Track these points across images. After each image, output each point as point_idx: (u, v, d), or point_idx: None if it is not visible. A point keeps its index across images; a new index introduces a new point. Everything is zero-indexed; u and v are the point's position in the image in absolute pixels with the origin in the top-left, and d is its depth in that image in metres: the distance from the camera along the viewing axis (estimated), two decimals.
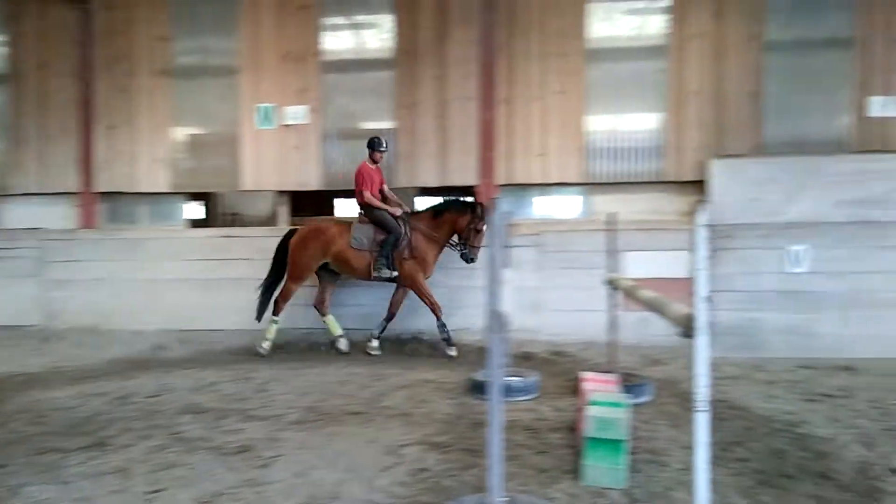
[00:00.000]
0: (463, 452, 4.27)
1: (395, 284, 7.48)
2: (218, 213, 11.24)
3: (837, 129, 7.58)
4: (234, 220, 11.24)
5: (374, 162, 7.44)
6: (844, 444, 4.53)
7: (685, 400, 5.54)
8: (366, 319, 7.79)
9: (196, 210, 10.22)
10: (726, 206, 7.54)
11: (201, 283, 8.56)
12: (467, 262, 7.33)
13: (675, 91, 7.83)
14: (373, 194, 7.35)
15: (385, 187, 7.51)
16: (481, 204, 7.30)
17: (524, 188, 8.26)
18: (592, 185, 8.10)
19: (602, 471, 3.68)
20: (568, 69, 8.00)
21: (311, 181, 8.60)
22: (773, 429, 4.84)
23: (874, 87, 7.50)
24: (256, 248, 8.56)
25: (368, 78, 8.47)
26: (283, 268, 7.63)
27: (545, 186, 8.25)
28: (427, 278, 7.43)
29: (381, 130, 8.48)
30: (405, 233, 7.28)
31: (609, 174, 8.02)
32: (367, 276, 7.36)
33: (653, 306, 3.60)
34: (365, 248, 7.30)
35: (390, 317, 7.58)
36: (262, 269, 8.44)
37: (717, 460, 4.18)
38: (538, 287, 7.85)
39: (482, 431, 4.42)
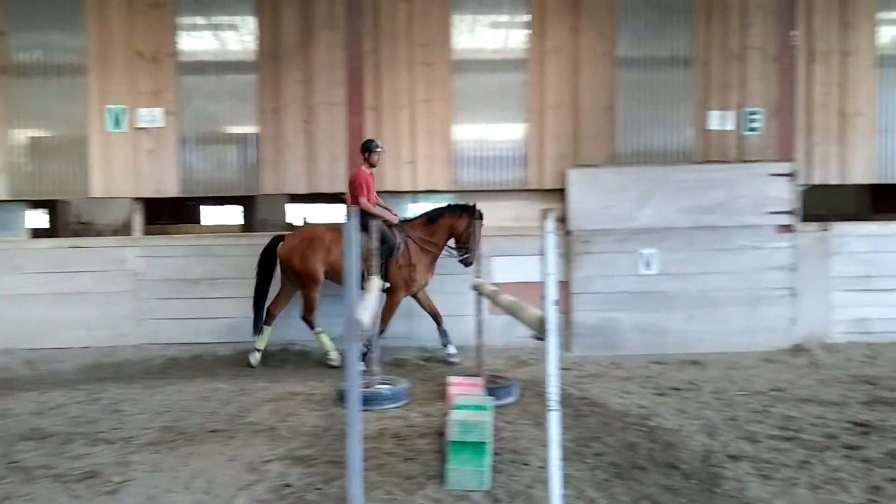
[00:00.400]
0: (329, 465, 4.18)
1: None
2: (65, 222, 10.40)
3: (682, 141, 8.18)
4: (84, 229, 10.44)
5: (371, 166, 7.25)
6: (690, 435, 4.86)
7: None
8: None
9: (39, 219, 9.39)
10: (584, 213, 7.92)
11: (46, 299, 7.88)
12: (467, 265, 7.24)
13: (537, 103, 8.14)
14: (369, 201, 7.14)
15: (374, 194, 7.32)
16: (475, 206, 7.23)
17: (395, 196, 8.26)
18: (461, 193, 8.23)
19: (466, 474, 3.73)
20: (435, 78, 8.10)
21: (169, 187, 8.15)
22: (628, 423, 5.11)
23: (713, 103, 8.16)
24: (109, 259, 8.01)
25: (229, 80, 8.15)
26: (270, 276, 7.30)
27: (415, 194, 8.30)
28: (424, 286, 7.37)
29: (243, 135, 8.21)
30: (399, 242, 7.15)
31: (476, 182, 8.20)
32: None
33: (511, 310, 3.71)
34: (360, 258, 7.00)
35: (438, 320, 7.35)
36: (117, 282, 7.95)
37: (574, 456, 4.37)
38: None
39: None
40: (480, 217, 7.09)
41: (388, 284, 7.11)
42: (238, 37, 8.20)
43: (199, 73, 8.13)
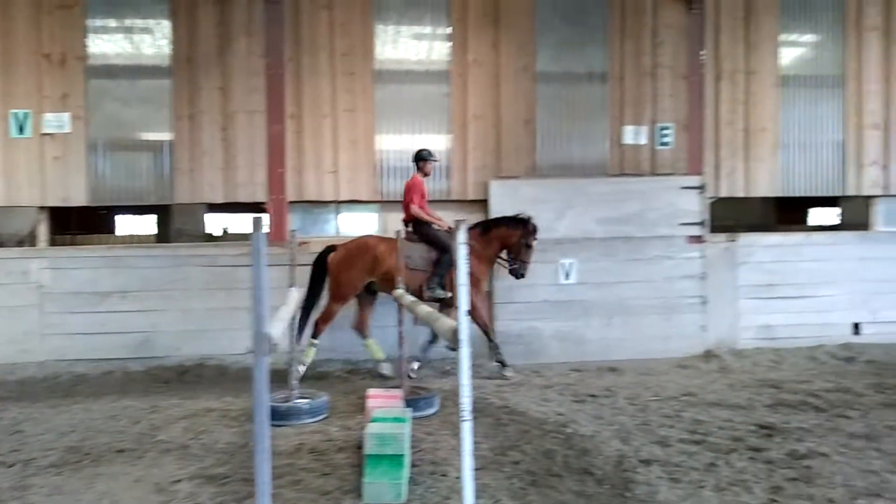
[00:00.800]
0: (242, 483, 4.06)
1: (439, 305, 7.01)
2: None
3: (598, 154, 8.42)
4: None
5: (426, 175, 7.28)
6: (605, 441, 4.98)
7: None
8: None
9: None
10: None
11: None
12: (518, 277, 7.24)
13: (459, 115, 8.22)
14: (422, 209, 7.11)
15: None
16: (531, 219, 7.21)
17: (316, 205, 8.15)
18: (385, 203, 8.20)
19: (382, 487, 3.69)
20: (358, 88, 8.06)
21: (77, 196, 7.77)
22: (546, 430, 5.19)
23: (627, 118, 8.46)
24: (11, 272, 7.56)
25: (142, 85, 7.86)
26: (320, 287, 7.00)
27: (338, 204, 8.21)
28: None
29: (157, 142, 7.93)
30: None
31: (400, 192, 8.16)
32: (418, 297, 6.69)
33: (427, 321, 3.70)
34: (420, 269, 6.97)
35: (435, 337, 7.13)
36: (20, 295, 7.51)
37: (492, 465, 4.40)
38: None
39: None
40: (535, 230, 7.19)
41: (450, 294, 6.92)
42: (152, 40, 7.93)
43: (109, 77, 7.81)
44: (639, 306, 8.11)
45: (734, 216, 10.55)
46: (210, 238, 12.63)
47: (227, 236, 17.14)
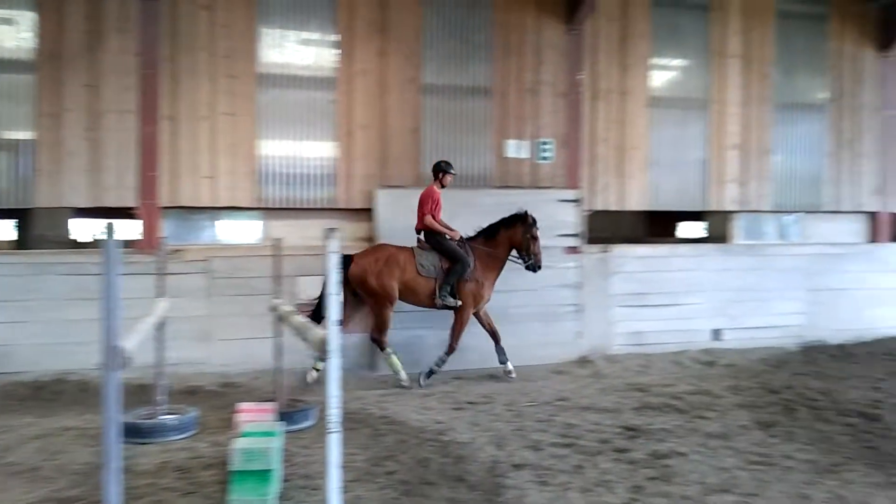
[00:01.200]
0: None
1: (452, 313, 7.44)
2: None
3: (482, 166, 8.61)
4: None
5: (443, 185, 7.44)
6: (480, 447, 5.07)
7: (349, 421, 5.71)
8: None
9: None
10: (392, 233, 8.03)
11: None
12: (534, 271, 7.53)
13: (345, 122, 8.16)
14: (435, 219, 7.30)
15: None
16: (527, 213, 7.46)
17: (192, 212, 7.83)
18: (267, 210, 8.00)
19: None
20: (238, 91, 7.82)
21: None
22: (424, 439, 5.22)
23: (509, 132, 8.70)
24: None
25: (3, 80, 7.27)
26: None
27: (216, 210, 7.92)
28: (487, 302, 7.56)
29: (16, 141, 7.36)
30: (469, 260, 7.32)
31: (283, 199, 8.01)
32: (429, 304, 7.32)
33: (299, 332, 3.64)
34: (431, 276, 7.26)
35: (496, 338, 7.62)
36: None
37: (367, 476, 4.37)
38: (207, 316, 7.48)
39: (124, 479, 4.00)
40: (534, 222, 7.43)
41: (459, 303, 7.29)
42: (14, 33, 7.38)
43: None
44: (520, 314, 8.32)
45: (609, 228, 11.07)
46: (75, 245, 11.80)
47: (95, 243, 16.12)
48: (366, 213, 8.19)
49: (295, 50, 8.13)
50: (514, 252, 7.55)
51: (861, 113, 10.19)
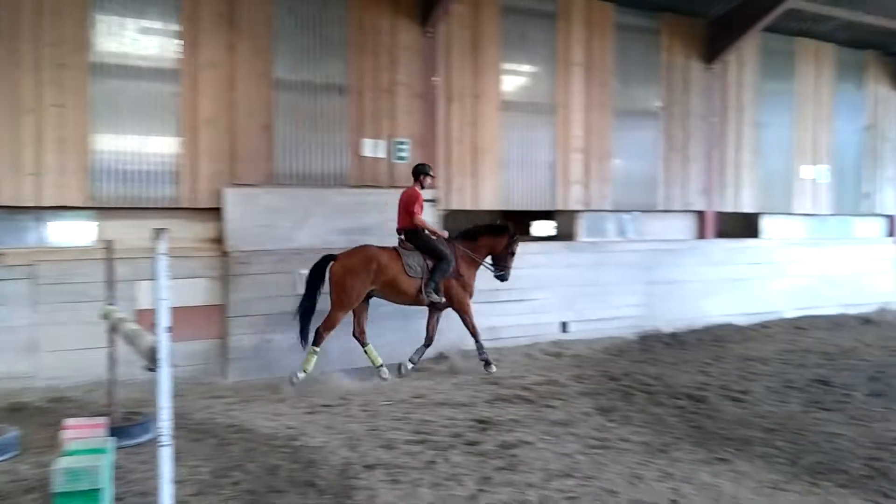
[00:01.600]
0: None
1: (426, 309, 7.90)
2: None
3: (338, 165, 8.49)
4: None
5: (423, 187, 7.74)
6: (333, 450, 5.00)
7: (193, 432, 5.44)
8: None
9: None
10: (242, 234, 7.76)
11: None
12: (503, 280, 8.09)
13: (190, 117, 7.73)
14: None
15: None
16: (513, 227, 8.04)
17: (14, 212, 7.11)
18: (102, 210, 7.42)
19: None
20: (68, 82, 7.18)
21: None
22: (273, 446, 5.07)
23: (366, 131, 8.65)
24: None
25: None
26: (316, 295, 7.30)
27: (42, 210, 7.24)
28: (472, 296, 7.95)
29: None
30: (452, 258, 7.62)
31: (120, 198, 7.46)
32: (414, 302, 7.63)
33: (129, 339, 3.40)
34: (417, 276, 7.48)
35: (429, 342, 7.95)
36: None
37: (210, 489, 4.18)
38: (33, 325, 6.83)
39: None
40: (518, 240, 8.00)
41: (444, 299, 7.68)
42: None
43: None
44: (378, 312, 8.29)
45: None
46: None
47: None
48: (214, 212, 7.83)
49: (133, 39, 7.59)
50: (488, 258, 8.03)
51: (689, 120, 11.14)
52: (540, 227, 12.31)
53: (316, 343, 7.24)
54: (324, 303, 7.41)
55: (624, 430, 5.61)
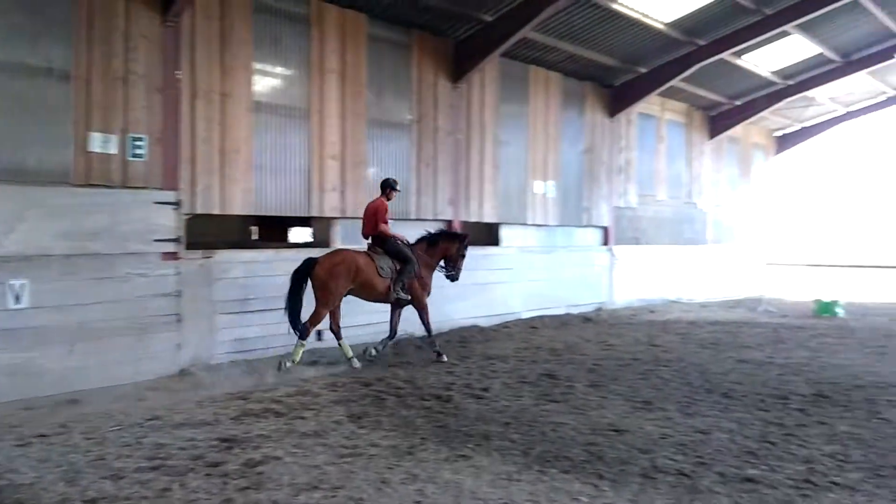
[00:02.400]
0: None
1: (389, 306, 8.97)
2: None
3: (61, 161, 7.43)
4: None
5: (388, 199, 8.84)
6: (47, 486, 4.38)
7: None
8: None
9: None
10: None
11: None
12: (453, 280, 9.32)
13: None
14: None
15: None
16: (466, 235, 9.51)
17: None
18: None
19: None
20: None
21: None
22: None
23: (95, 124, 7.70)
24: None
25: None
26: (301, 295, 8.08)
27: None
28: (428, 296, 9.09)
29: None
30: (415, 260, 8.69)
31: None
32: (384, 299, 8.68)
33: None
34: (387, 277, 8.47)
35: (393, 335, 9.07)
36: None
37: None
38: None
39: None
40: (469, 244, 9.38)
41: (409, 297, 8.78)
42: None
43: None
44: (107, 329, 7.46)
45: (216, 233, 10.67)
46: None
47: None
48: None
49: None
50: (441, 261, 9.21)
51: (438, 134, 11.73)
52: (297, 234, 12.09)
53: (302, 337, 8.04)
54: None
55: (374, 435, 5.67)
